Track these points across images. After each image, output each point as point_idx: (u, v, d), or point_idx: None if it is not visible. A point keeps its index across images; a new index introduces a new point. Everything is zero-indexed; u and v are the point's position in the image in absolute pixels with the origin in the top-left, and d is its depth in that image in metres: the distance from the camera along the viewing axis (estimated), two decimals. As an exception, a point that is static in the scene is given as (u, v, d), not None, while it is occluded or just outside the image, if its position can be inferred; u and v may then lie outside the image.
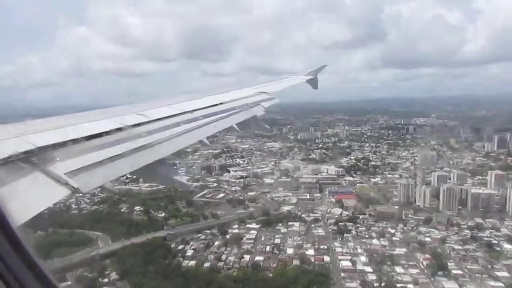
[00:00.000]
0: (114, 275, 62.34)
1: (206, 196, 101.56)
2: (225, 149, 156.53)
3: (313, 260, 62.79)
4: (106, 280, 61.55)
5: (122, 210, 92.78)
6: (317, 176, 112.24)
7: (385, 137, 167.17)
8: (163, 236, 75.97)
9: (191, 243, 73.01)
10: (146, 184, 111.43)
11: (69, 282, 60.34)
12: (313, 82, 16.72)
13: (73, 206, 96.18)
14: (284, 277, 56.86)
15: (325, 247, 67.97)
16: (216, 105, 8.48)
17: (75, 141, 4.54)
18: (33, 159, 3.79)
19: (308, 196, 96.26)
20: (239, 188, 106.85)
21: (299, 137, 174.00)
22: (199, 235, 76.83)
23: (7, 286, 2.30)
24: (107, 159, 4.45)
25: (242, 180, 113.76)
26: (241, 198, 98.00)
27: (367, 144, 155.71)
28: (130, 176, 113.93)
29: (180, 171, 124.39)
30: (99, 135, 4.94)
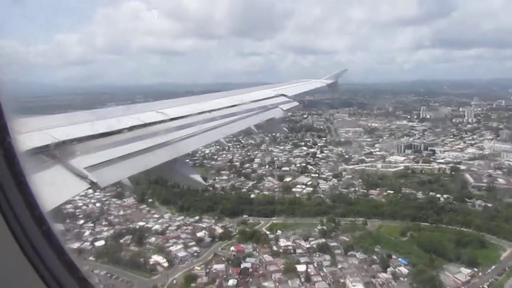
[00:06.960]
0: None
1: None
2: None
3: None
4: None
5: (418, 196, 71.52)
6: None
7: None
8: None
9: None
10: (380, 165, 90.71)
11: None
12: (333, 86, 17.00)
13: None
14: None
15: None
16: (235, 105, 8.53)
17: (96, 136, 4.55)
18: (54, 152, 3.79)
19: None
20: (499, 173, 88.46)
21: (427, 116, 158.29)
22: None
23: (37, 270, 2.22)
24: (126, 155, 4.48)
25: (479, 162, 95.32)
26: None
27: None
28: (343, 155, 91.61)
29: (385, 147, 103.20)
30: (119, 131, 5.01)
